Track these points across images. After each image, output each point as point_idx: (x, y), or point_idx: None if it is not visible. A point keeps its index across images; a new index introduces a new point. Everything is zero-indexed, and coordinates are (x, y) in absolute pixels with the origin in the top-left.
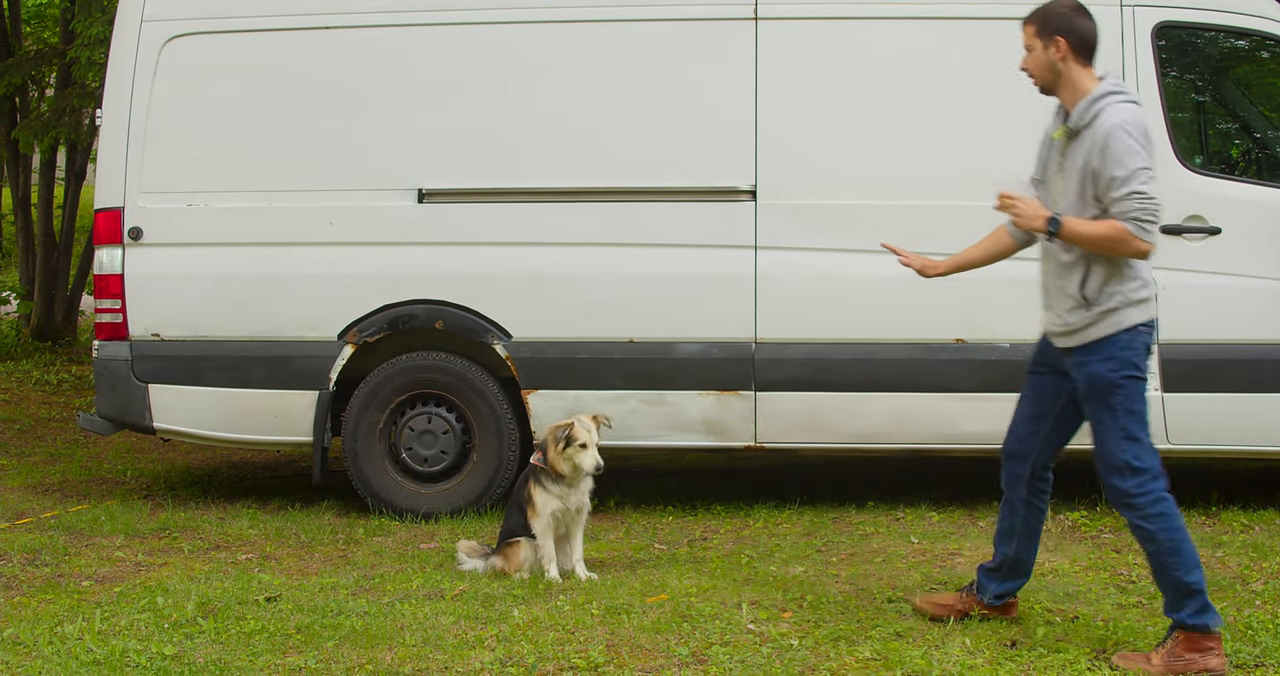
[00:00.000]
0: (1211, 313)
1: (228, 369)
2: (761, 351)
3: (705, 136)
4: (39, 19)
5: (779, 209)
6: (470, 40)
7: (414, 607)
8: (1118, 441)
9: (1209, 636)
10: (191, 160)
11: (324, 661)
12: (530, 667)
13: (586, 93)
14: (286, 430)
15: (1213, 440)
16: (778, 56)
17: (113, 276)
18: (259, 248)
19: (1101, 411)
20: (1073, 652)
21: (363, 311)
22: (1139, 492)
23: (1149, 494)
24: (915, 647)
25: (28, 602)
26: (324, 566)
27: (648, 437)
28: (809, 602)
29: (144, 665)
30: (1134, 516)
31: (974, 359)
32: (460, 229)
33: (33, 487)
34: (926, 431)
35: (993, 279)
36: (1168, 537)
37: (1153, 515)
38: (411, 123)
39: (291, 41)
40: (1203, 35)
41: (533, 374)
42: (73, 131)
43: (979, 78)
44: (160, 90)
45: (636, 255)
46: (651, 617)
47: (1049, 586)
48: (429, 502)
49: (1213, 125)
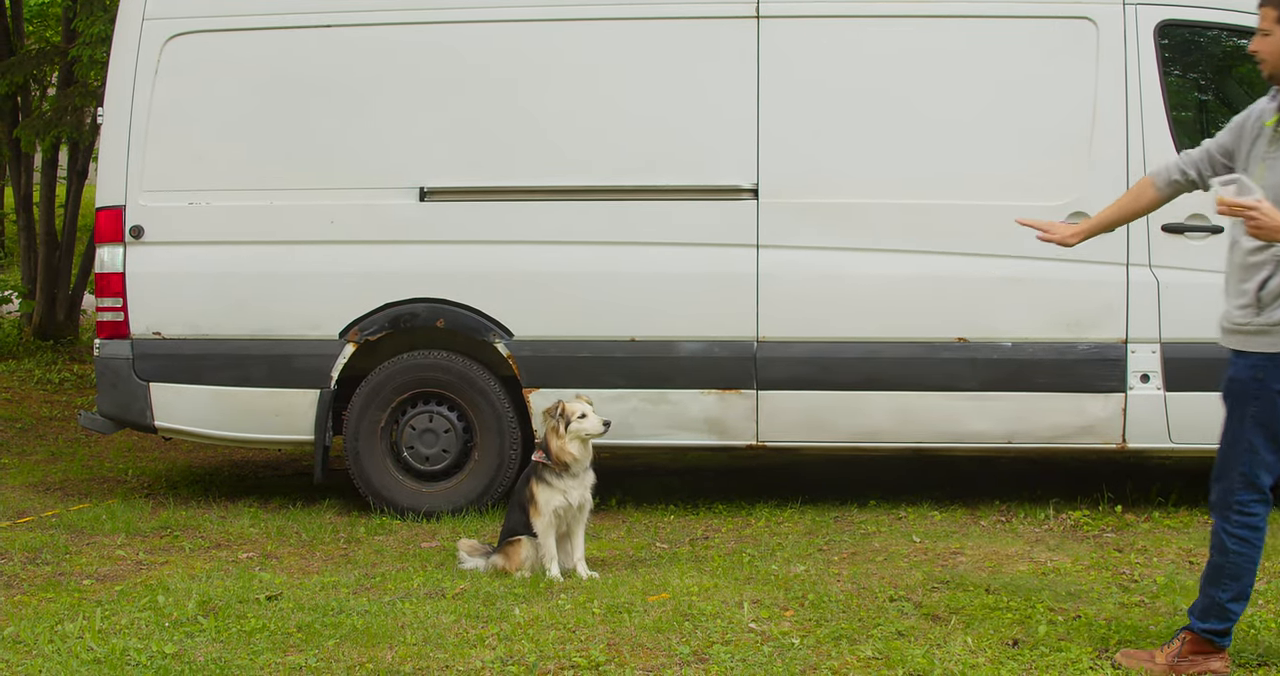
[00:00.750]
0: (1213, 311)
1: (229, 367)
2: (763, 350)
3: (707, 135)
4: (41, 18)
5: (781, 207)
6: (472, 39)
7: (415, 606)
8: (1241, 451)
9: (1216, 647)
10: (193, 159)
11: (325, 660)
12: (531, 666)
13: (588, 91)
14: (288, 429)
15: (1215, 439)
16: (779, 55)
17: (114, 275)
18: (260, 246)
19: (1236, 417)
20: (1075, 651)
21: (364, 310)
22: (1240, 508)
23: (1249, 514)
24: (917, 646)
25: (29, 601)
26: (325, 565)
27: (649, 436)
28: (811, 601)
29: (144, 663)
30: (1222, 525)
31: (976, 358)
32: (462, 227)
33: (34, 486)
34: (928, 430)
35: (995, 277)
36: (1238, 560)
37: (1240, 535)
38: (413, 121)
39: (293, 40)
40: (1205, 34)
41: (534, 372)
42: (74, 130)
43: (981, 76)
44: (162, 89)
45: (638, 254)
46: (653, 616)
47: (1051, 585)
48: (430, 501)
49: (1215, 123)
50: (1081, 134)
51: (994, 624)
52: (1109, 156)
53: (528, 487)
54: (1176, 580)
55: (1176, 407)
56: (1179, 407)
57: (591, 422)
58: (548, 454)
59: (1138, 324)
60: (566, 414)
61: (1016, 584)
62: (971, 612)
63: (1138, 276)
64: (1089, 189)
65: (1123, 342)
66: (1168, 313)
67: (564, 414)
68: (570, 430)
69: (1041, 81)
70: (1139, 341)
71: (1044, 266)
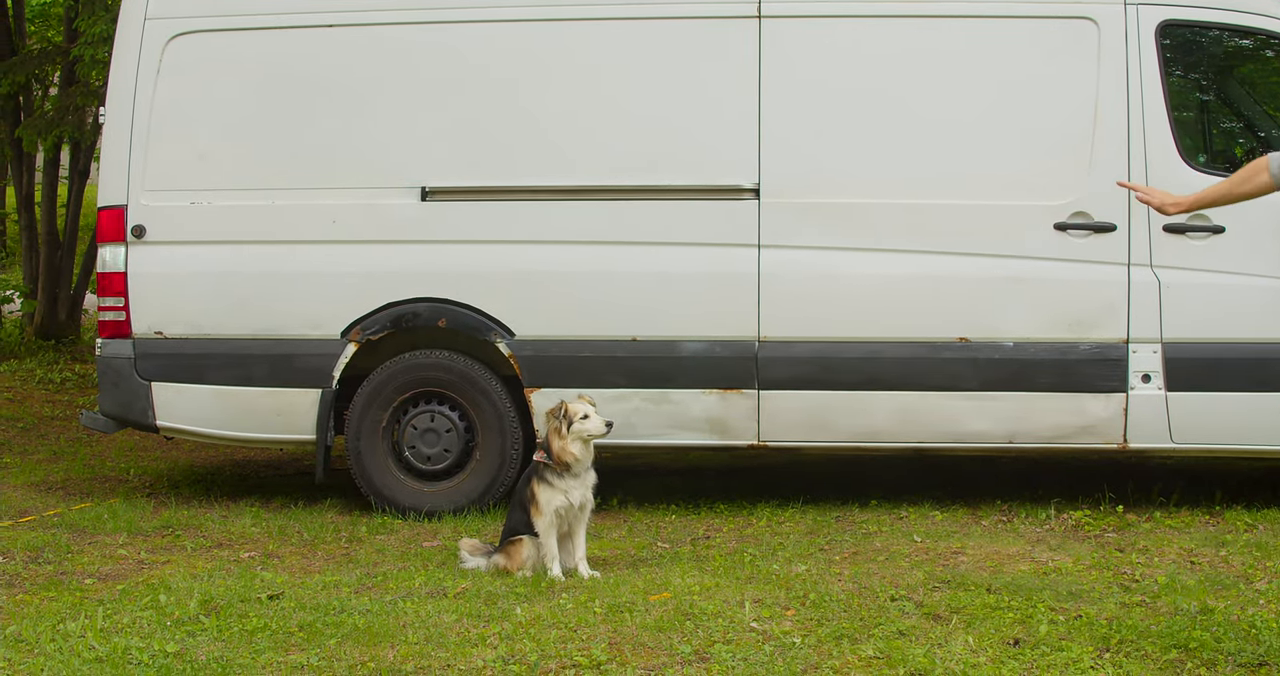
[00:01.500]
0: (1215, 311)
1: (231, 367)
2: (765, 350)
3: (708, 135)
4: (43, 17)
5: (782, 207)
6: (473, 38)
7: (416, 605)
8: None
9: None
10: (195, 158)
11: (326, 659)
12: (533, 665)
13: (590, 91)
14: (289, 428)
15: (1216, 439)
16: (781, 54)
17: (116, 274)
18: (262, 246)
19: None
20: (1076, 651)
21: (366, 309)
22: None
23: None
24: (918, 646)
25: (30, 600)
26: (327, 564)
27: (651, 436)
28: (812, 601)
29: (146, 663)
30: None
31: (978, 357)
32: (463, 227)
33: (36, 485)
34: (930, 430)
35: (996, 277)
36: None
37: None
38: (414, 121)
39: (294, 40)
40: (1207, 34)
41: (536, 372)
42: (76, 130)
43: (982, 76)
44: (163, 88)
45: (639, 254)
46: (654, 615)
47: (1052, 585)
48: (432, 501)
49: (1217, 124)
50: (1083, 134)
51: (995, 623)
52: (1110, 157)
53: (529, 487)
54: (1178, 580)
55: (1178, 408)
56: (1180, 408)
57: (594, 423)
58: (549, 454)
59: (1139, 324)
60: (569, 414)
61: (1018, 583)
62: (973, 612)
63: (1139, 276)
64: (1090, 189)
65: (1124, 343)
66: (1169, 313)
67: (566, 414)
68: (573, 431)
69: (1043, 81)
70: (1140, 341)
71: (1045, 266)
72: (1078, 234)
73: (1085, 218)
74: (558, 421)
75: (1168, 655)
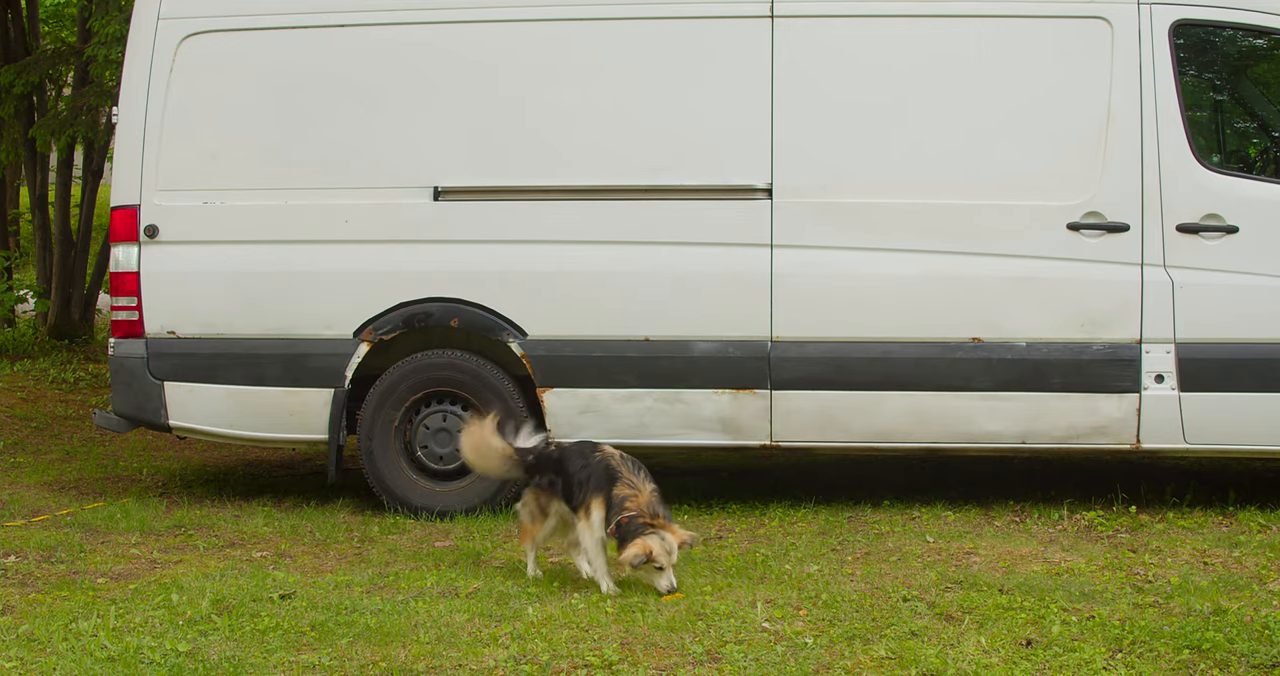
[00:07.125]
0: (1228, 312)
1: (243, 366)
2: (777, 350)
3: (721, 135)
4: (56, 18)
5: (795, 207)
6: (486, 38)
7: (428, 605)
8: None
9: None
10: (207, 158)
11: (338, 658)
12: (544, 665)
13: (601, 90)
14: (302, 428)
15: (1230, 440)
16: (793, 54)
17: (129, 274)
18: (274, 245)
19: None
20: (1089, 651)
21: (378, 309)
22: None
23: None
24: (930, 646)
25: (43, 599)
26: (339, 564)
27: (663, 436)
28: (824, 601)
29: (158, 662)
30: None
31: (991, 358)
32: (475, 227)
33: (49, 485)
34: (942, 430)
35: (1009, 278)
36: None
37: None
38: (427, 120)
39: (307, 40)
40: (1220, 33)
41: (548, 372)
42: (90, 130)
43: (995, 76)
44: (176, 88)
45: (652, 253)
46: (666, 615)
47: (1065, 585)
48: (444, 500)
49: (1230, 124)
50: (1096, 134)
51: (1007, 624)
52: (1123, 156)
53: (596, 496)
54: (1190, 581)
55: (1191, 408)
56: (1193, 408)
57: (662, 581)
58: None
59: (1152, 324)
60: (651, 559)
61: (1030, 584)
62: (985, 612)
63: (1152, 276)
64: (1103, 189)
65: (1137, 343)
66: (1182, 313)
67: (651, 559)
68: (639, 568)
69: (1056, 81)
70: (1153, 342)
71: (1058, 266)
72: (1091, 234)
73: (1098, 218)
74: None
75: (1180, 656)
